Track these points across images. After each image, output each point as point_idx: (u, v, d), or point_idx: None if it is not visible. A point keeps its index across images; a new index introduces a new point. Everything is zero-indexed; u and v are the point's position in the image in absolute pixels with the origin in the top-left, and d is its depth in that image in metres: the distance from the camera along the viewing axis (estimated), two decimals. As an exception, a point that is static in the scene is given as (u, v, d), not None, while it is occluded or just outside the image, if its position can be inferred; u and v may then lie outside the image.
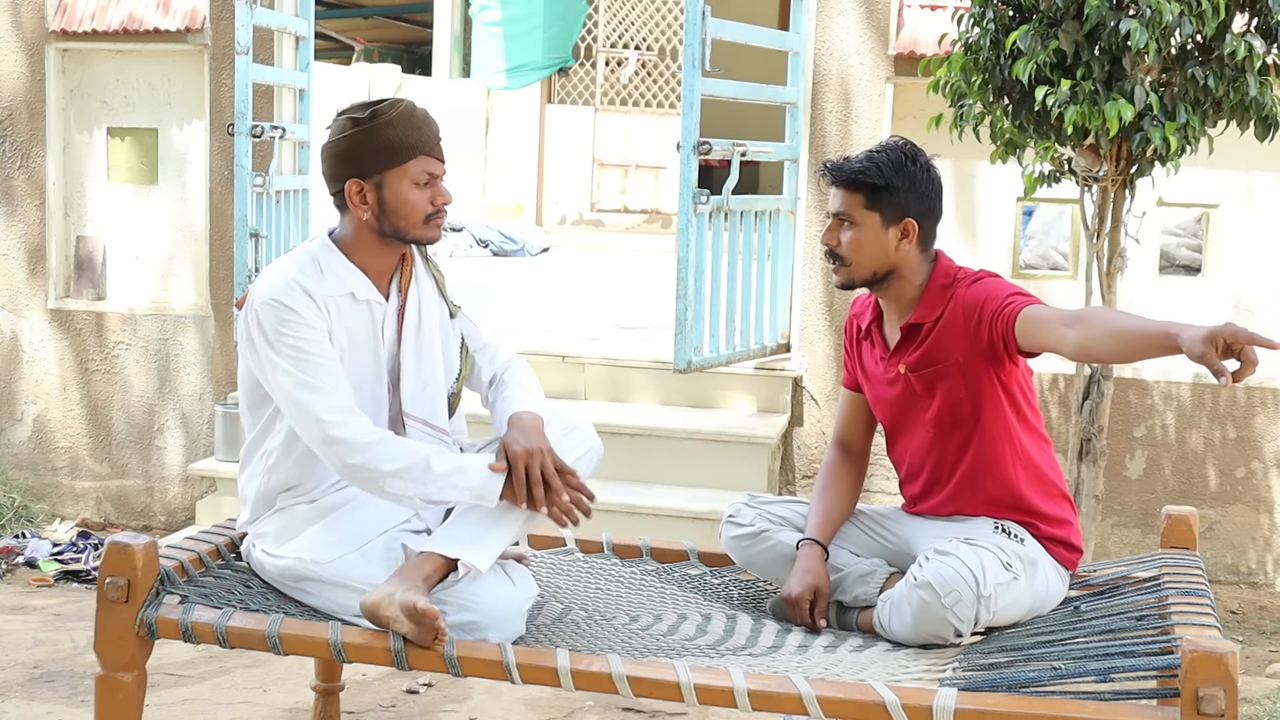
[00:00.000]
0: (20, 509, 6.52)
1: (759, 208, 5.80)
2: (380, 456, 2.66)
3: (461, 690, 4.18)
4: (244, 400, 2.89)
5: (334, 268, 2.79)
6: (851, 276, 2.96)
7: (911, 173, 2.92)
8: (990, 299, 2.84)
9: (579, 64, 12.43)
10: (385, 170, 2.74)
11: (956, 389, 2.89)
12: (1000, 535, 2.85)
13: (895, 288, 2.97)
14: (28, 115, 6.64)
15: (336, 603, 2.75)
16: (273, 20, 6.08)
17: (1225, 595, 5.62)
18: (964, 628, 2.72)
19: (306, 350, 2.70)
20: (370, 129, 2.73)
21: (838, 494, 3.09)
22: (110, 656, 2.68)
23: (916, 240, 2.94)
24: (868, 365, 3.09)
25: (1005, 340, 2.81)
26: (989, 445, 2.91)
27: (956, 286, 2.92)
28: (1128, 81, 4.29)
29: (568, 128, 12.30)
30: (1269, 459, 5.77)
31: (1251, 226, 5.84)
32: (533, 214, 12.13)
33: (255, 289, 2.76)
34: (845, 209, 2.93)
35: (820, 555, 2.96)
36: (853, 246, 2.93)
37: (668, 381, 5.94)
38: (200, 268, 6.59)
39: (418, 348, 2.87)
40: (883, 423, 3.10)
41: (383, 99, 2.79)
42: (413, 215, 2.77)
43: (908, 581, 2.77)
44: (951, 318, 2.89)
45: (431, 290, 2.94)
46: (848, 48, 5.89)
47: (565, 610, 2.94)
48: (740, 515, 3.10)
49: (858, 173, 2.91)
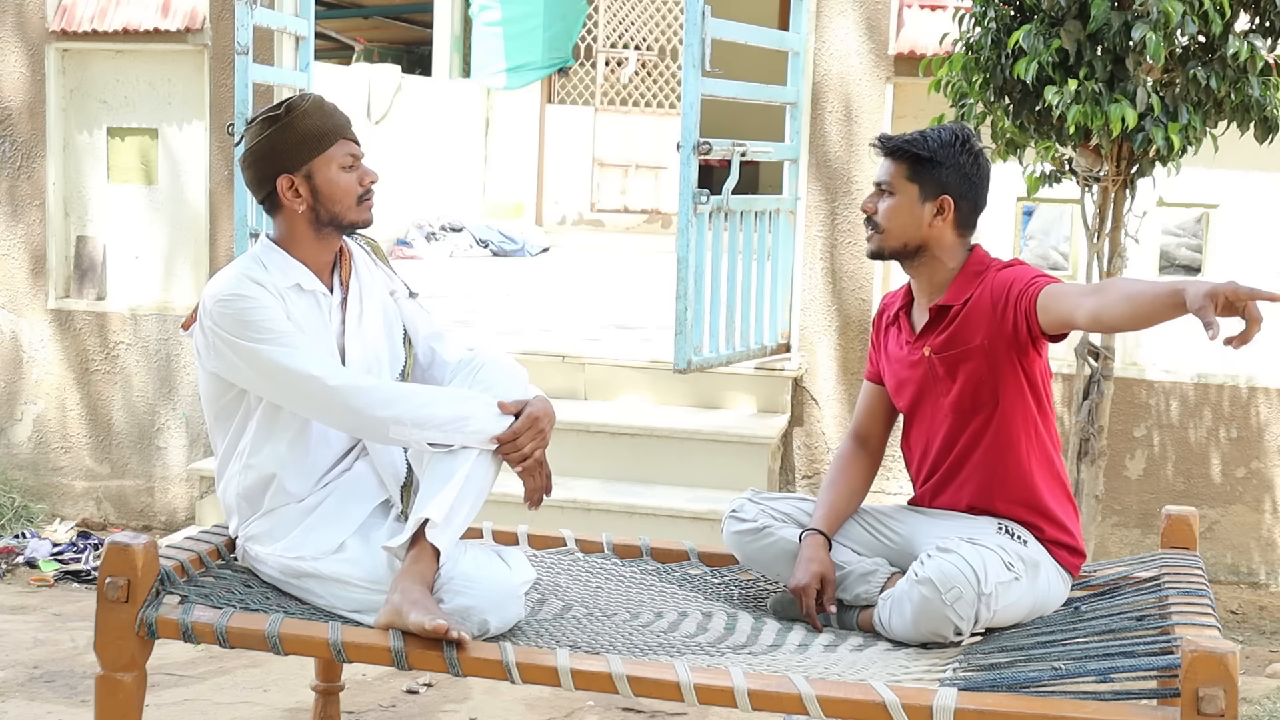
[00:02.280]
0: (20, 509, 6.52)
1: (759, 208, 5.80)
2: (378, 400, 2.71)
3: (461, 690, 4.18)
4: (211, 415, 2.91)
5: (276, 263, 2.84)
6: (881, 245, 2.99)
7: (957, 152, 2.95)
8: (1016, 281, 2.87)
9: (579, 64, 12.43)
10: (311, 159, 2.80)
11: (979, 371, 2.90)
12: (1003, 536, 2.85)
13: (927, 266, 2.99)
14: (28, 115, 6.64)
15: (335, 596, 2.76)
16: (273, 20, 6.08)
17: (1225, 595, 5.62)
18: (964, 626, 2.71)
19: (273, 329, 2.74)
20: (288, 123, 2.79)
21: (847, 487, 3.09)
22: (110, 656, 2.69)
23: (952, 221, 2.96)
24: (891, 350, 3.09)
25: (1028, 319, 2.82)
26: (1005, 432, 2.91)
27: (988, 272, 2.95)
28: (1130, 82, 4.29)
29: (568, 128, 12.29)
30: (1269, 459, 5.77)
31: (1251, 227, 5.84)
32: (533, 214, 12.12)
33: (205, 294, 2.81)
34: (887, 177, 2.97)
35: (824, 544, 2.97)
36: (889, 215, 2.96)
37: (667, 381, 5.94)
38: (200, 268, 6.59)
39: (360, 337, 2.90)
40: (901, 408, 3.10)
41: (286, 97, 2.87)
42: (346, 198, 2.82)
43: (909, 578, 2.77)
44: (979, 301, 2.91)
45: (372, 283, 2.97)
46: (848, 48, 5.89)
47: (565, 607, 2.94)
48: (743, 510, 3.10)
49: (907, 143, 2.95)
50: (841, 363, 5.95)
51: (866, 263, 5.92)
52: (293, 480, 2.83)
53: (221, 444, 2.91)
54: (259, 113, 2.86)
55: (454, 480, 2.70)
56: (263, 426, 2.82)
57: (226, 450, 2.90)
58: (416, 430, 2.71)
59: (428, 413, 2.71)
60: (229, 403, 2.85)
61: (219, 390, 2.85)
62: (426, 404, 2.73)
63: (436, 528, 2.65)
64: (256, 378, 2.76)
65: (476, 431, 2.74)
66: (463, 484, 2.71)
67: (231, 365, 2.77)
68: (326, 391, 2.71)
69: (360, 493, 2.85)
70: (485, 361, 2.93)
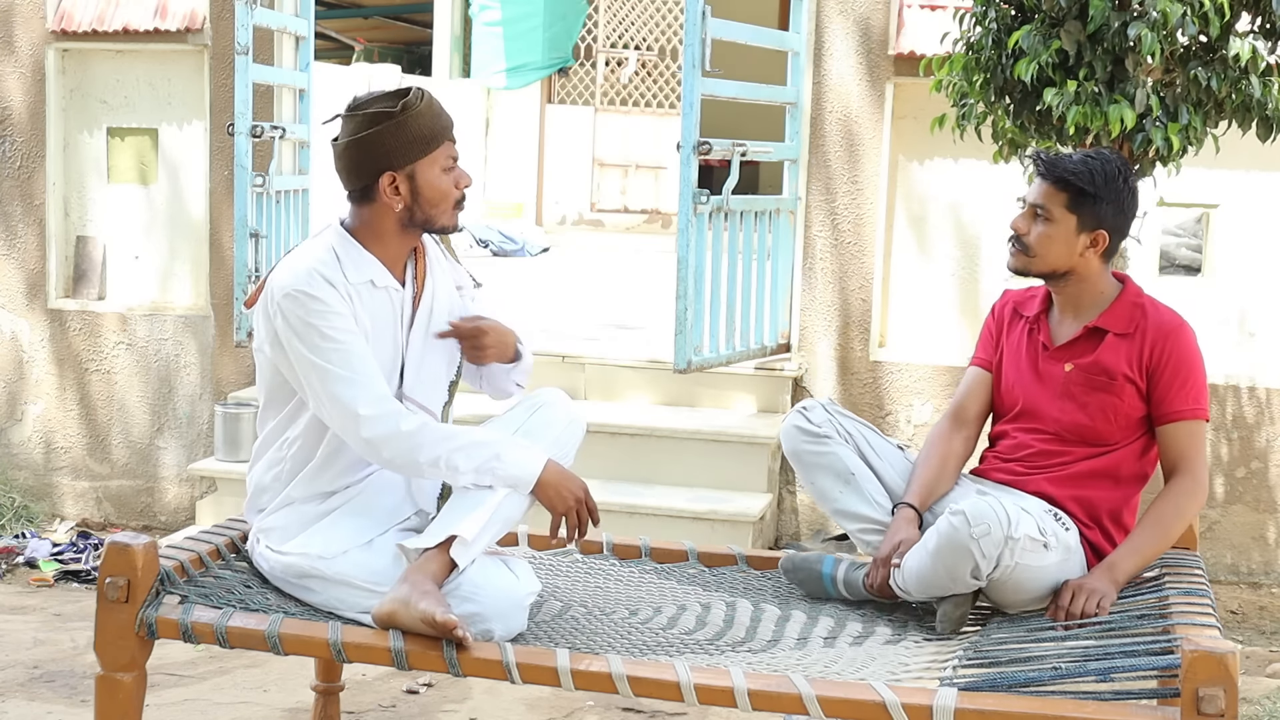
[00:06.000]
0: (20, 509, 6.52)
1: (759, 208, 5.80)
2: (413, 446, 2.69)
3: (461, 690, 4.18)
4: (264, 393, 2.88)
5: (351, 256, 2.79)
6: (1030, 267, 3.01)
7: (1119, 188, 2.97)
8: (1180, 382, 2.93)
9: (579, 64, 12.43)
10: (418, 159, 2.76)
11: (1112, 405, 2.95)
12: (1048, 515, 2.87)
13: (1072, 289, 3.02)
14: (28, 115, 6.64)
15: (339, 599, 2.76)
16: (273, 20, 6.07)
17: (1225, 595, 5.62)
18: (984, 565, 2.71)
19: (336, 339, 2.69)
20: (402, 121, 2.74)
21: (942, 463, 3.10)
22: (110, 656, 2.68)
23: (1102, 252, 2.99)
24: (1021, 349, 3.10)
25: (1153, 420, 2.94)
26: (1105, 460, 2.97)
27: (1147, 309, 2.99)
28: (1130, 83, 4.29)
29: (568, 128, 12.29)
30: (1269, 459, 5.77)
31: (1251, 226, 5.84)
32: (533, 214, 12.12)
33: (274, 281, 2.75)
34: (1045, 203, 2.98)
35: (914, 518, 2.98)
36: (1042, 241, 2.98)
37: (667, 381, 5.94)
38: (200, 268, 6.60)
39: (426, 336, 2.88)
40: (1008, 405, 3.11)
41: (402, 89, 2.79)
42: (444, 202, 2.79)
43: (941, 517, 2.78)
44: (1140, 343, 2.95)
45: (445, 280, 2.94)
46: (848, 48, 5.89)
47: (565, 607, 2.95)
48: (813, 413, 3.10)
49: (1072, 174, 2.95)
50: (841, 363, 5.95)
51: (866, 263, 5.92)
52: (324, 476, 2.83)
53: (270, 423, 2.88)
54: (367, 101, 2.79)
55: (486, 505, 2.71)
56: (314, 423, 2.80)
57: (273, 431, 2.87)
58: (450, 474, 2.72)
59: (461, 459, 2.70)
60: (286, 387, 2.82)
61: (277, 372, 2.82)
62: (459, 449, 2.70)
63: (464, 545, 2.65)
64: (307, 389, 2.74)
65: (507, 477, 2.73)
66: (494, 510, 2.71)
67: (287, 362, 2.75)
68: (361, 438, 2.70)
69: (383, 501, 2.84)
70: (543, 404, 2.94)
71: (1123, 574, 2.85)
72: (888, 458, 3.11)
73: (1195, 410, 2.93)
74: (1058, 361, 3.02)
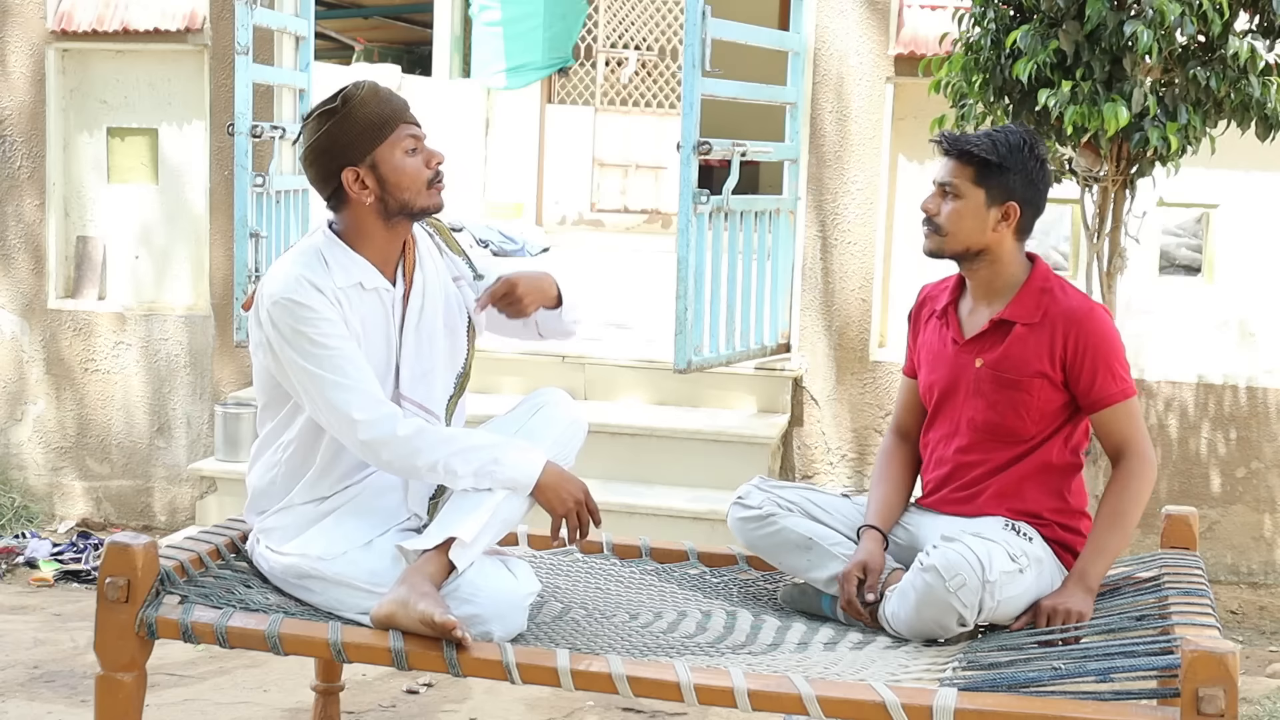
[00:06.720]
0: (20, 509, 6.52)
1: (759, 208, 5.80)
2: (410, 450, 2.69)
3: (461, 690, 4.18)
4: (261, 396, 2.88)
5: (339, 260, 2.78)
6: (943, 247, 2.98)
7: (1026, 158, 2.93)
8: (1103, 368, 2.88)
9: (579, 64, 12.42)
10: (374, 148, 2.74)
11: (1025, 401, 2.91)
12: (1009, 532, 2.85)
13: (985, 271, 2.98)
14: (28, 115, 6.64)
15: (339, 600, 2.75)
16: (273, 20, 6.08)
17: (1225, 595, 5.62)
18: (968, 614, 2.71)
19: (327, 345, 2.69)
20: (346, 114, 2.73)
21: (896, 481, 3.10)
22: (110, 656, 2.68)
23: (1015, 226, 2.95)
24: (933, 345, 3.08)
25: (1082, 409, 2.91)
26: (1036, 459, 2.94)
27: (1057, 294, 2.94)
28: (1128, 82, 4.29)
29: (568, 128, 12.28)
30: (1269, 459, 5.76)
31: (1251, 226, 5.84)
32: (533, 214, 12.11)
33: (263, 289, 2.75)
34: (952, 179, 2.94)
35: (879, 538, 2.97)
36: (952, 218, 2.94)
37: (667, 381, 5.94)
38: (200, 268, 6.60)
39: (419, 333, 2.87)
40: (930, 405, 3.08)
41: (342, 87, 2.78)
42: (414, 183, 2.76)
43: (914, 568, 2.77)
44: (1050, 334, 2.90)
45: (436, 273, 2.92)
46: (848, 48, 5.89)
47: (565, 609, 2.94)
48: (749, 498, 3.08)
49: (975, 146, 2.92)
50: (841, 363, 5.95)
51: (866, 263, 5.92)
52: (323, 480, 2.83)
53: (268, 426, 2.88)
54: (315, 107, 2.79)
55: (485, 507, 2.70)
56: (311, 426, 2.80)
57: (270, 434, 2.87)
58: (449, 478, 2.72)
59: (459, 463, 2.70)
60: (282, 391, 2.81)
61: (272, 377, 2.81)
62: (458, 453, 2.70)
63: (463, 547, 2.65)
64: (301, 394, 2.74)
65: (506, 480, 2.72)
66: (493, 512, 2.71)
67: (277, 366, 2.75)
68: (358, 441, 2.70)
69: (382, 502, 2.84)
70: (544, 404, 2.93)
71: (1094, 579, 2.84)
72: (837, 510, 3.08)
73: (1124, 390, 2.89)
74: (969, 355, 2.99)
